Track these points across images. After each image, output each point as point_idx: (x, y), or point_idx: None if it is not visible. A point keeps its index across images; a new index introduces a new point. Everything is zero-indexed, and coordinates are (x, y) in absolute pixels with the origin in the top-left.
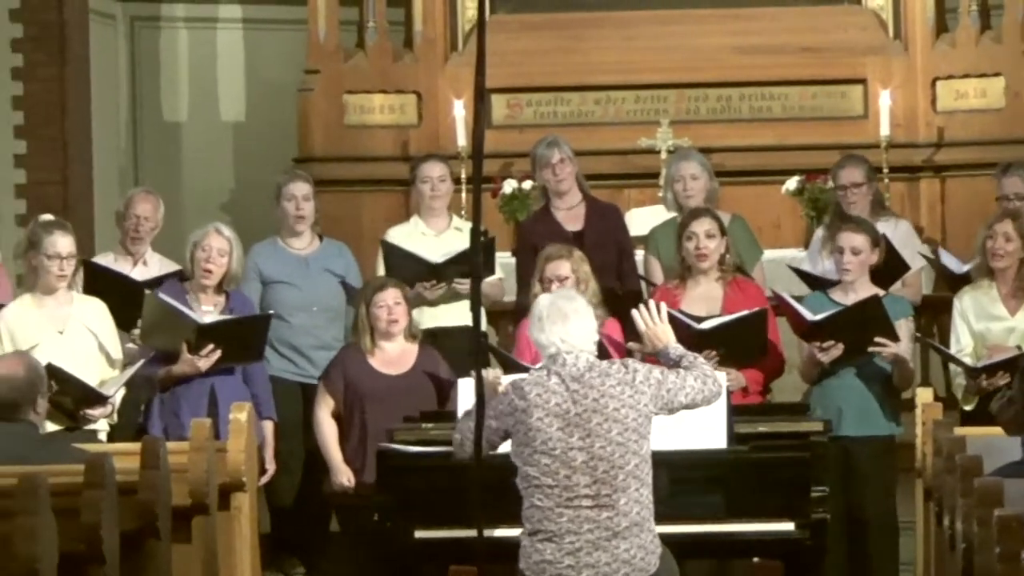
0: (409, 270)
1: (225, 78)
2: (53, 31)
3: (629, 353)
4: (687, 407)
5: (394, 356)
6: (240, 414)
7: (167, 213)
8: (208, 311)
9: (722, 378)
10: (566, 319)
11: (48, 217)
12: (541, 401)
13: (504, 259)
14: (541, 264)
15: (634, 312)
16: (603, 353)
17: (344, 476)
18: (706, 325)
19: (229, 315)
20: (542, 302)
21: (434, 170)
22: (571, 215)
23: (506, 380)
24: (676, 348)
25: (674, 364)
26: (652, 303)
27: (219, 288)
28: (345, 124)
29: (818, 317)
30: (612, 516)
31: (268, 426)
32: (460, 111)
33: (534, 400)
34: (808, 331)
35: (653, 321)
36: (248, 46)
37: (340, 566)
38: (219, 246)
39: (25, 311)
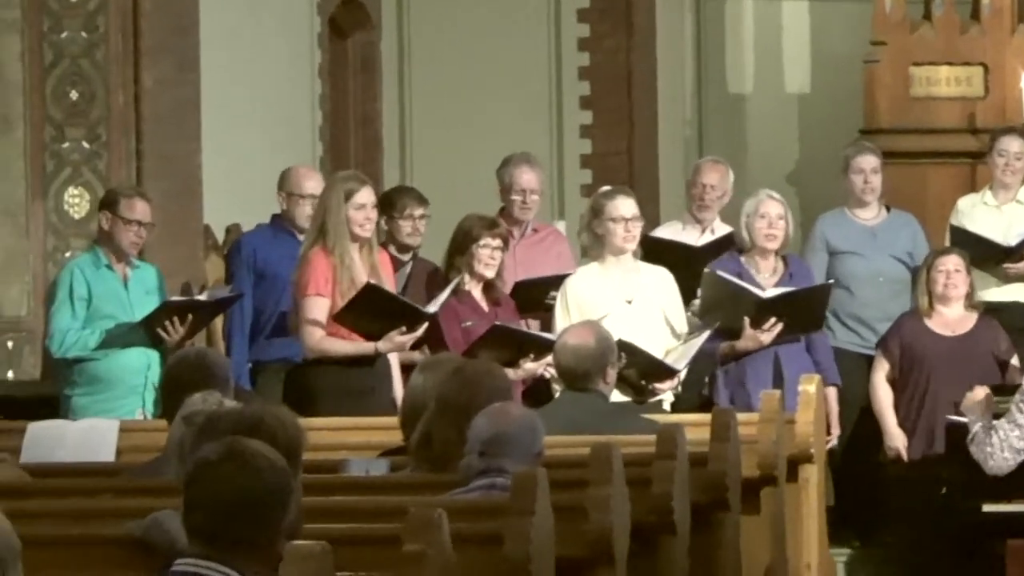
0: (978, 252)
1: (790, 50)
2: (619, 2)
3: None
4: None
5: (951, 320)
6: (809, 386)
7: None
8: (768, 278)
9: None
10: None
11: (609, 188)
12: None
13: None
14: None
15: None
16: None
17: (898, 441)
18: None
19: (789, 281)
20: None
21: (1012, 145)
22: None
23: None
24: None
25: None
26: None
27: (776, 253)
28: (911, 96)
29: None
30: None
31: (832, 393)
32: None
33: None
34: None
35: None
36: (814, 18)
37: (902, 539)
38: (777, 211)
39: (593, 280)
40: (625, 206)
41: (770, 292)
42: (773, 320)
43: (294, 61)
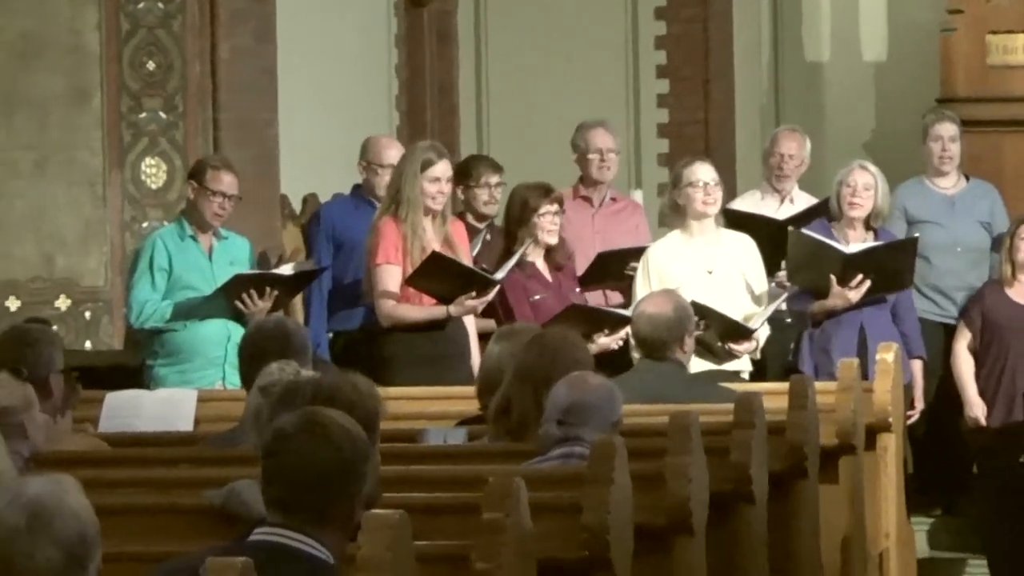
0: None
1: (867, 18)
2: None
3: None
4: None
5: None
6: (887, 354)
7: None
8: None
9: None
10: None
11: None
12: None
13: None
14: None
15: None
16: None
17: (978, 410)
18: None
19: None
20: None
21: None
22: None
23: None
24: None
25: None
26: None
27: (867, 225)
28: (988, 65)
29: None
30: None
31: (917, 365)
32: None
33: None
34: None
35: None
36: None
37: (982, 508)
38: (864, 181)
39: (674, 249)
40: (703, 171)
41: (855, 247)
42: (860, 277)
43: (371, 30)
